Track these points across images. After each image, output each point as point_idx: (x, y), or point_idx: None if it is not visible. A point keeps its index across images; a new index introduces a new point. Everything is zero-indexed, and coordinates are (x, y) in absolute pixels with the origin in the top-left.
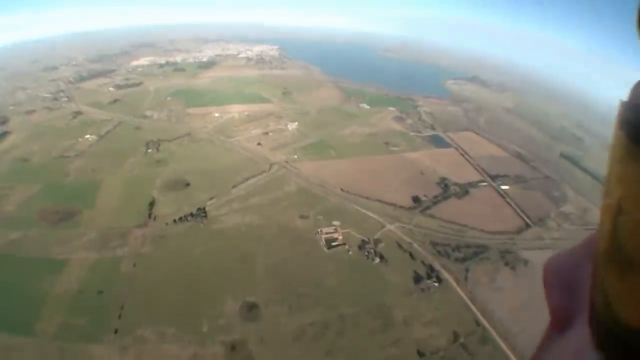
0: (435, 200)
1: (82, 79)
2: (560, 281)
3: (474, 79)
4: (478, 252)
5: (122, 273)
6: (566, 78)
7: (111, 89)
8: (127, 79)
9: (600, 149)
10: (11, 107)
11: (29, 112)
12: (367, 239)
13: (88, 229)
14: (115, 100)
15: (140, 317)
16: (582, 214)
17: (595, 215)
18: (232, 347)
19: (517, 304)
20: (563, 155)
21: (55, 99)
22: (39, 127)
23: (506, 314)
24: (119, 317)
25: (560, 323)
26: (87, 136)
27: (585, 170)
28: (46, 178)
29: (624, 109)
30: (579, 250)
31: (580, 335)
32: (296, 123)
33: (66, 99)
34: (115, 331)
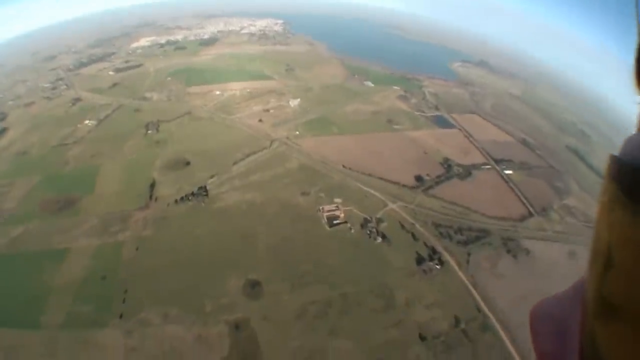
0: (438, 180)
1: (81, 65)
2: (548, 327)
3: (481, 64)
4: (480, 236)
5: (124, 257)
6: (579, 76)
7: (111, 73)
8: (127, 62)
9: (607, 149)
10: (10, 102)
11: (28, 105)
12: (369, 218)
13: (89, 215)
14: (115, 84)
15: (144, 300)
16: (585, 209)
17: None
18: (236, 326)
19: (518, 295)
20: (569, 148)
21: (55, 88)
22: (38, 118)
23: (507, 304)
24: (123, 301)
25: None
26: (86, 122)
27: (590, 166)
28: (45, 169)
29: (614, 163)
30: (568, 295)
31: None
32: (298, 100)
33: (65, 87)
34: (120, 316)
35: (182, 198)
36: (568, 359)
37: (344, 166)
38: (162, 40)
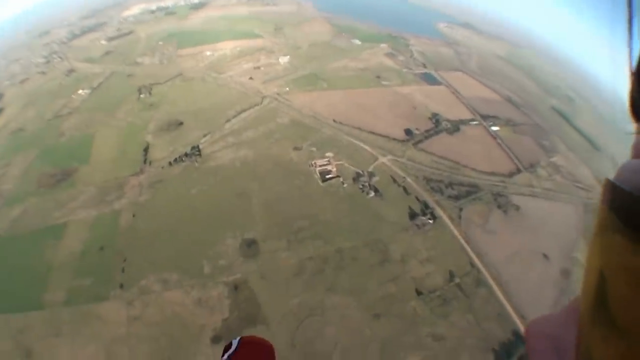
0: (427, 135)
1: (74, 37)
2: (544, 345)
3: (466, 25)
4: (471, 191)
5: (121, 226)
6: (564, 45)
7: (103, 42)
8: (118, 30)
9: (591, 113)
10: (6, 82)
11: (23, 81)
12: (361, 172)
13: (85, 186)
14: (107, 52)
15: (143, 268)
16: (573, 169)
17: (585, 174)
18: (235, 287)
19: (510, 250)
20: (554, 109)
21: (48, 62)
22: (33, 94)
23: (499, 259)
24: (123, 270)
25: None
26: (80, 92)
27: (575, 128)
28: (42, 142)
29: (610, 188)
30: (563, 314)
31: None
32: (288, 57)
33: (59, 59)
34: (121, 286)
35: (175, 159)
36: None
37: (334, 120)
38: (153, 7)
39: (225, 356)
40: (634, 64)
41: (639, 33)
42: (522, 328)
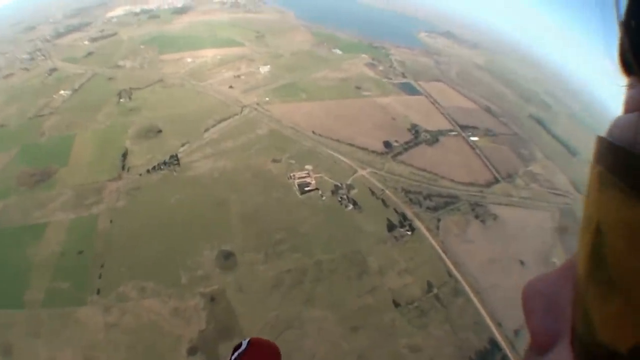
0: (407, 147)
1: (59, 35)
2: (541, 304)
3: (447, 34)
4: (449, 202)
5: (99, 231)
6: (541, 49)
7: (86, 42)
8: (101, 31)
9: (567, 119)
10: None
11: (7, 76)
12: (340, 184)
13: (64, 188)
14: (90, 53)
15: (121, 274)
16: (549, 176)
17: (562, 181)
18: (212, 299)
19: (486, 259)
20: (532, 117)
21: (33, 58)
22: (17, 90)
23: (476, 268)
24: (100, 276)
25: (541, 345)
26: (62, 92)
27: (552, 135)
28: (23, 140)
29: (602, 144)
30: (559, 273)
31: (562, 357)
32: (268, 66)
33: (43, 57)
34: (98, 291)
35: (154, 167)
36: (561, 335)
37: (313, 132)
38: (137, 9)
39: (235, 354)
40: (622, 13)
41: None
42: (498, 336)
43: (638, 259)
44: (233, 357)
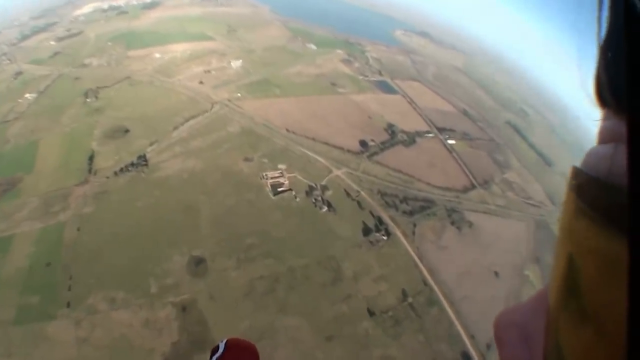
0: (383, 147)
1: (24, 37)
2: (514, 334)
3: (423, 34)
4: (425, 206)
5: (66, 240)
6: (517, 56)
7: (52, 42)
8: (68, 30)
9: (543, 128)
10: None
11: None
12: (314, 185)
13: (30, 196)
14: (56, 53)
15: (89, 285)
16: (525, 185)
17: (537, 191)
18: (183, 308)
19: (462, 267)
20: (509, 124)
21: None
22: None
23: (451, 277)
24: (69, 288)
25: None
26: (27, 95)
27: (528, 143)
28: None
29: (577, 174)
30: (532, 303)
31: None
32: (240, 61)
33: (8, 61)
34: (68, 304)
35: (121, 169)
36: None
37: (287, 130)
38: (105, 6)
39: (213, 359)
40: (602, 38)
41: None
42: (471, 349)
43: (610, 291)
44: None
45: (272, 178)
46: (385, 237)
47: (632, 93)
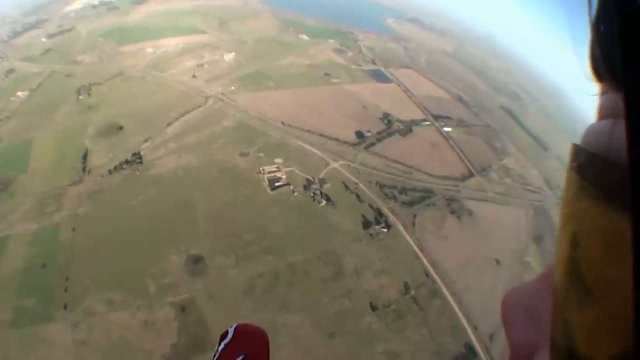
0: (380, 137)
1: (15, 34)
2: (520, 315)
3: (414, 20)
4: (424, 196)
5: (61, 241)
6: (509, 40)
7: (43, 39)
8: (59, 26)
9: (538, 111)
10: None
11: None
12: (312, 179)
13: (24, 197)
14: (47, 50)
15: (86, 287)
16: (522, 171)
17: (534, 177)
18: (182, 308)
19: (463, 257)
20: (503, 108)
21: None
22: None
23: (453, 267)
24: (65, 290)
25: (521, 356)
26: (19, 93)
27: (523, 127)
28: None
29: (577, 151)
30: (538, 282)
31: None
32: (233, 53)
33: (0, 59)
34: (65, 306)
35: (115, 167)
36: (541, 345)
37: (282, 123)
38: (95, 2)
39: (222, 345)
40: (593, 15)
41: None
42: (474, 340)
43: (614, 268)
44: (220, 347)
45: (269, 173)
46: (385, 230)
47: (627, 64)
